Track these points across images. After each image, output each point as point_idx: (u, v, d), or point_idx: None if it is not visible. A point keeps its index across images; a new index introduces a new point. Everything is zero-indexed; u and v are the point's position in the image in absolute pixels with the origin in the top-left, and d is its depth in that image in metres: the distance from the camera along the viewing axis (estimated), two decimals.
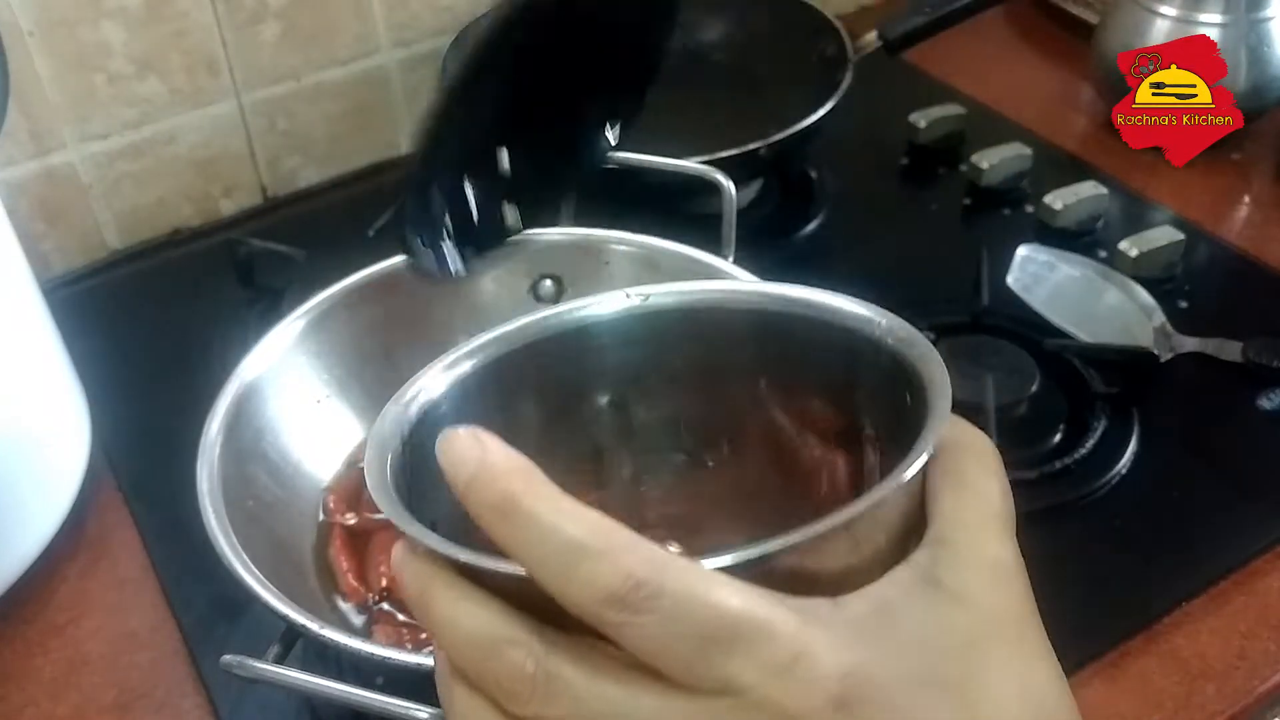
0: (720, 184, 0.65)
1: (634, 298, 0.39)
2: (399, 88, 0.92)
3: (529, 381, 0.39)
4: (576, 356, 0.39)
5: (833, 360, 0.38)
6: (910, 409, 0.33)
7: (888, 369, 0.35)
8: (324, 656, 0.50)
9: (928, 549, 0.30)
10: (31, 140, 0.79)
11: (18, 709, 0.58)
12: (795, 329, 0.38)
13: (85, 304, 0.81)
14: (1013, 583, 0.30)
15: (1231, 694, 0.56)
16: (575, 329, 0.39)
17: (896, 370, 0.35)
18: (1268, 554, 0.62)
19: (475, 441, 0.28)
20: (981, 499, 0.31)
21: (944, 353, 0.76)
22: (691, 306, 0.40)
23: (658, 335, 0.40)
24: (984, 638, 0.29)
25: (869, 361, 0.36)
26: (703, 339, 0.40)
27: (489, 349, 0.38)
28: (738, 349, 0.40)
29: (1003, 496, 0.31)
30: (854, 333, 0.37)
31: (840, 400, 0.39)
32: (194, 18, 0.81)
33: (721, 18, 0.95)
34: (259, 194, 0.90)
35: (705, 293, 0.40)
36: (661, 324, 0.39)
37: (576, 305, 0.39)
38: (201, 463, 0.53)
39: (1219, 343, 0.72)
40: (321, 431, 0.61)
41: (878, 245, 0.85)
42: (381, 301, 0.63)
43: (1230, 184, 0.87)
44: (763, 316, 0.39)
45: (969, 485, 0.31)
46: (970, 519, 0.30)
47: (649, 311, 0.39)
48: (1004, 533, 0.31)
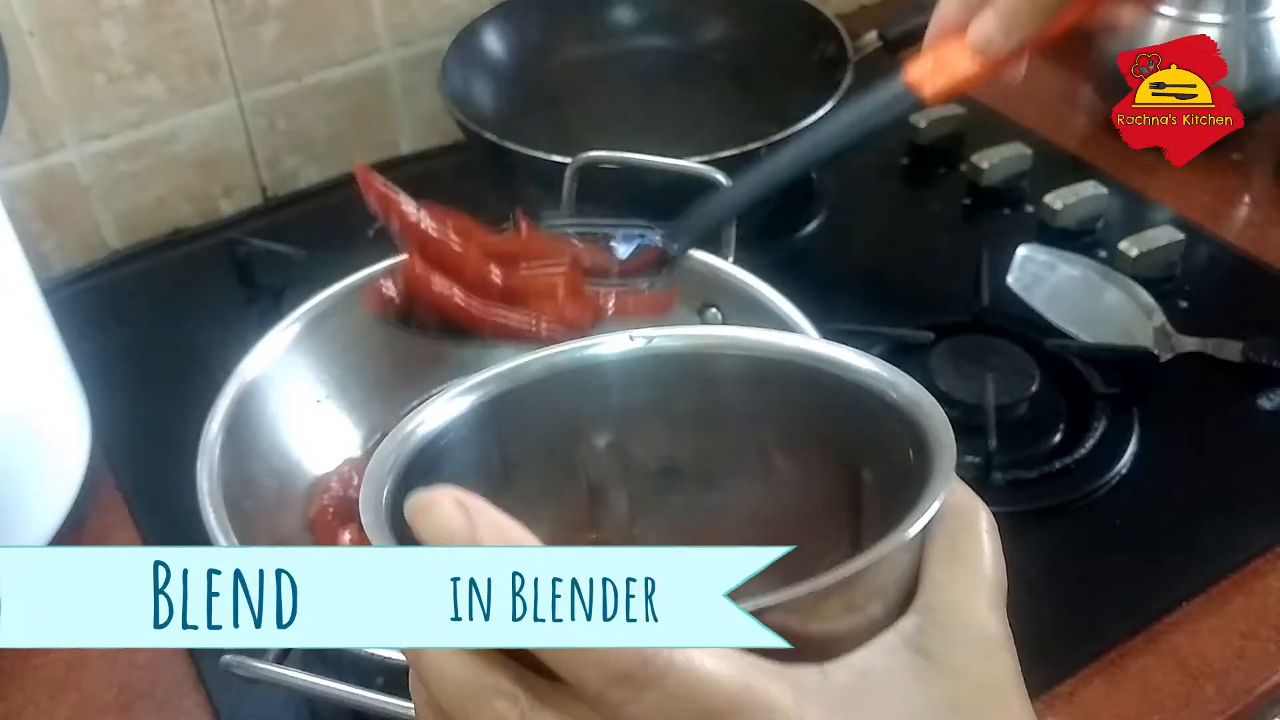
0: (720, 184, 0.65)
1: (638, 340, 0.39)
2: (399, 88, 0.92)
3: (529, 419, 0.39)
4: (578, 396, 0.39)
5: (836, 412, 0.37)
6: (913, 466, 0.33)
7: (892, 425, 0.35)
8: (324, 656, 0.50)
9: (916, 616, 0.29)
10: (31, 140, 0.79)
11: (18, 708, 0.58)
12: (799, 379, 0.38)
13: (85, 304, 0.81)
14: (1000, 655, 0.30)
15: (1231, 694, 0.56)
16: (578, 369, 0.39)
17: (901, 427, 0.34)
18: (1268, 554, 0.62)
19: (460, 511, 0.27)
20: (973, 567, 0.30)
21: (944, 353, 0.77)
22: (695, 351, 0.40)
23: (660, 379, 0.40)
24: (971, 710, 0.28)
25: (873, 416, 0.36)
26: (705, 384, 0.40)
27: (490, 385, 0.38)
28: (740, 395, 0.40)
29: (995, 565, 0.31)
30: (859, 386, 0.36)
31: (842, 453, 0.38)
32: (194, 17, 0.81)
33: (721, 18, 0.95)
34: (259, 194, 0.90)
35: (710, 338, 0.40)
36: (665, 368, 0.39)
37: (580, 345, 0.39)
38: (201, 462, 0.53)
39: (1219, 343, 0.72)
40: (321, 431, 0.61)
41: (878, 245, 0.85)
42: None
43: (1230, 184, 0.87)
44: (766, 365, 0.39)
45: (961, 552, 0.31)
46: (961, 588, 0.30)
47: (652, 354, 0.39)
48: (994, 602, 0.30)
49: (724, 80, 0.93)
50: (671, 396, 0.40)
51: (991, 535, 0.31)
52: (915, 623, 0.29)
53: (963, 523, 0.31)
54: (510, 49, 0.92)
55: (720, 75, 0.94)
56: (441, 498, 0.27)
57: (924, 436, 0.33)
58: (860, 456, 0.38)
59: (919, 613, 0.29)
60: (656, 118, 0.90)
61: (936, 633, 0.29)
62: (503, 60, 0.92)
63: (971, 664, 0.29)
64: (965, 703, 0.28)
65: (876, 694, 0.28)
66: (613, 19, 0.96)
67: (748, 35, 0.94)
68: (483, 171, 0.84)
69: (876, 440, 0.36)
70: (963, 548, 0.31)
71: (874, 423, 0.36)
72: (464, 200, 0.68)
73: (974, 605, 0.30)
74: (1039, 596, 0.60)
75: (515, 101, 0.90)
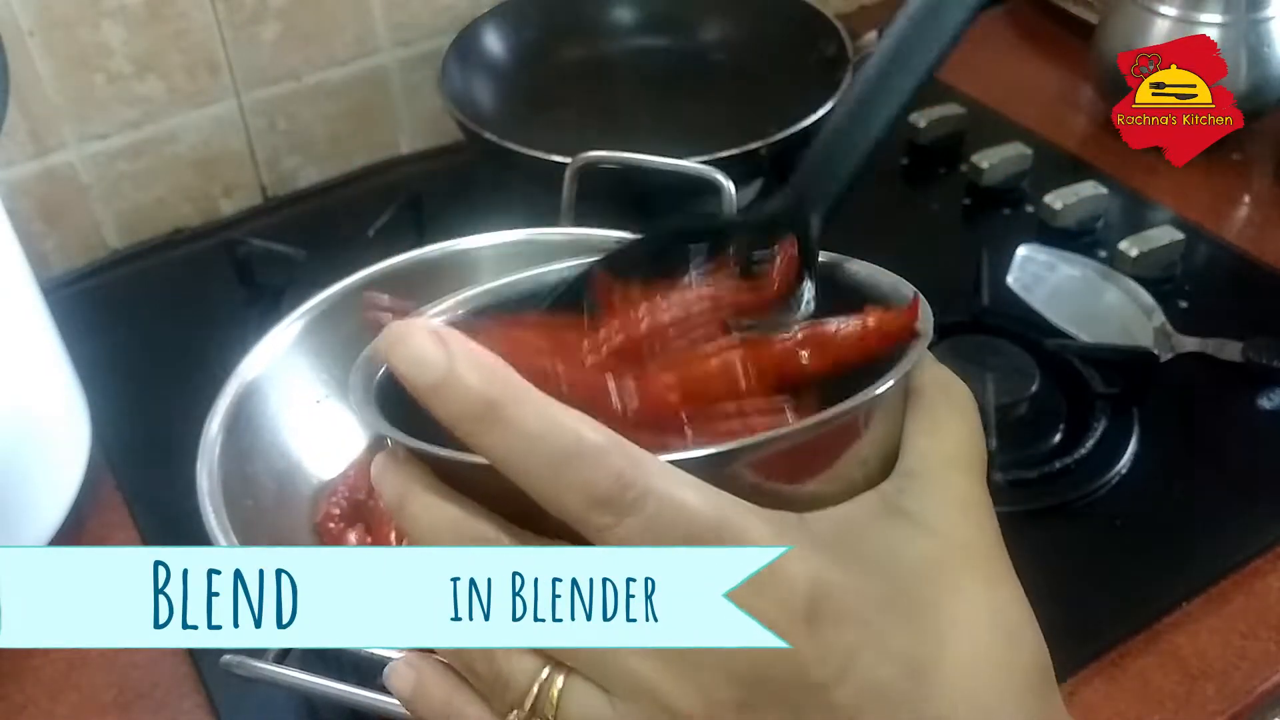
0: (720, 184, 0.65)
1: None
2: (399, 88, 0.92)
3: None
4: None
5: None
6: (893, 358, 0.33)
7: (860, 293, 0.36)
8: (323, 656, 0.50)
9: (896, 479, 0.30)
10: (32, 140, 0.79)
11: (18, 708, 0.58)
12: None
13: (85, 304, 0.81)
14: (980, 515, 0.30)
15: (1231, 694, 0.56)
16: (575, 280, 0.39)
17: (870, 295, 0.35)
18: (1268, 554, 0.62)
19: (437, 341, 0.27)
20: (953, 438, 0.31)
21: (944, 352, 0.77)
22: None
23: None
24: (950, 566, 0.29)
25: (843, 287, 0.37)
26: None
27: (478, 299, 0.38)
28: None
29: (974, 437, 0.32)
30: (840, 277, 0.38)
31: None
32: (194, 17, 0.81)
33: (721, 18, 0.95)
34: (259, 194, 0.90)
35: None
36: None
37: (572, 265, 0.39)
38: (201, 462, 0.53)
39: (1219, 342, 0.72)
40: (321, 431, 0.61)
41: (878, 245, 0.84)
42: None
43: (1230, 184, 0.87)
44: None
45: (941, 424, 0.31)
46: (940, 455, 0.30)
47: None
48: (973, 470, 0.31)
49: (724, 80, 0.93)
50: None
51: (971, 408, 0.32)
52: (895, 485, 0.30)
53: (943, 395, 0.32)
54: (510, 49, 0.92)
55: (720, 75, 0.94)
56: (416, 327, 0.27)
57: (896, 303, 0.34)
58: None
59: (899, 476, 0.30)
60: (656, 118, 0.90)
61: (916, 494, 0.29)
62: (503, 60, 0.92)
63: (950, 523, 0.29)
64: (945, 558, 0.29)
65: (856, 543, 0.28)
66: (612, 19, 0.96)
67: (748, 35, 0.94)
68: (483, 171, 0.84)
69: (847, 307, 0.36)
70: (943, 419, 0.31)
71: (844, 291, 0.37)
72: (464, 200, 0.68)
73: (954, 471, 0.30)
74: (1038, 596, 0.60)
75: (515, 101, 0.90)
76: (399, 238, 0.74)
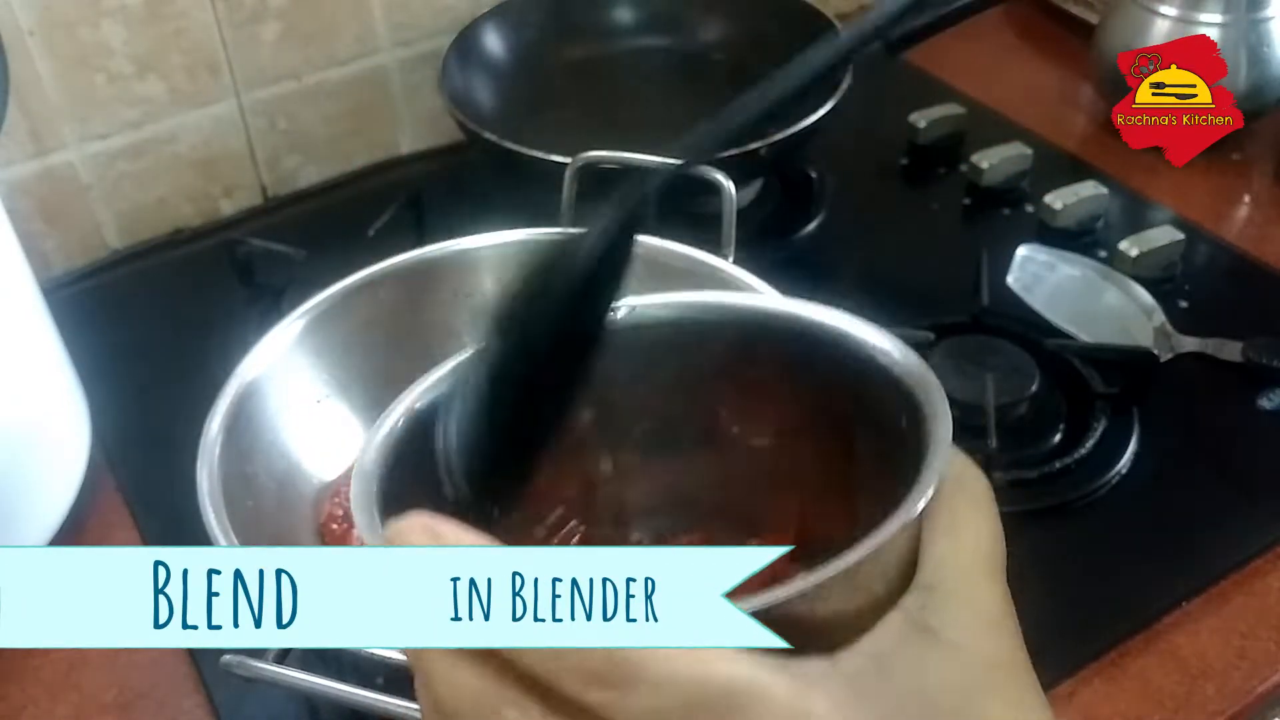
0: (720, 184, 0.65)
1: (619, 310, 0.38)
2: (399, 88, 0.92)
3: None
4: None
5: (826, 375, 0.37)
6: (906, 432, 0.33)
7: (883, 389, 0.34)
8: (324, 656, 0.50)
9: (919, 594, 0.29)
10: (32, 140, 0.79)
11: (18, 708, 0.58)
12: (788, 342, 0.37)
13: (85, 304, 0.81)
14: (1004, 628, 0.30)
15: (1231, 693, 0.56)
16: None
17: (893, 391, 0.34)
18: (1268, 554, 0.62)
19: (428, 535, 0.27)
20: (973, 541, 0.31)
21: (944, 353, 0.77)
22: (678, 318, 0.39)
23: (644, 347, 0.39)
24: (979, 688, 0.29)
25: (863, 379, 0.35)
26: (690, 350, 0.39)
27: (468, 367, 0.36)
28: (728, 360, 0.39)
29: (994, 538, 0.31)
30: (849, 350, 0.36)
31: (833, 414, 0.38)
32: (194, 17, 0.81)
33: (721, 18, 0.95)
34: (259, 194, 0.91)
35: (691, 304, 0.39)
36: (648, 335, 0.38)
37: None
38: (201, 463, 0.53)
39: (1219, 342, 0.72)
40: (321, 431, 0.61)
41: (878, 245, 0.85)
42: (381, 301, 0.63)
43: (1230, 184, 0.87)
44: (753, 329, 0.38)
45: (961, 526, 0.31)
46: (962, 563, 0.30)
47: (634, 324, 0.38)
48: (995, 576, 0.30)
49: (724, 80, 0.93)
50: (656, 364, 0.39)
51: (989, 503, 0.32)
52: (918, 600, 0.29)
53: (962, 494, 0.31)
54: (510, 49, 0.92)
55: (720, 75, 0.94)
56: (411, 528, 0.28)
57: (916, 402, 0.33)
58: (852, 419, 0.37)
59: (922, 589, 0.30)
60: (656, 118, 0.90)
61: (940, 609, 0.29)
62: (503, 60, 0.92)
63: (976, 639, 0.29)
64: (974, 680, 0.29)
65: (887, 677, 0.28)
66: (612, 19, 0.96)
67: (748, 35, 0.94)
68: (483, 172, 0.84)
69: (868, 403, 0.35)
70: (961, 519, 0.31)
71: (864, 385, 0.35)
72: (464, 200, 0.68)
73: (976, 580, 0.30)
74: (1039, 596, 0.60)
75: (515, 101, 0.90)
76: (399, 238, 0.74)
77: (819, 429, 0.39)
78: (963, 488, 0.31)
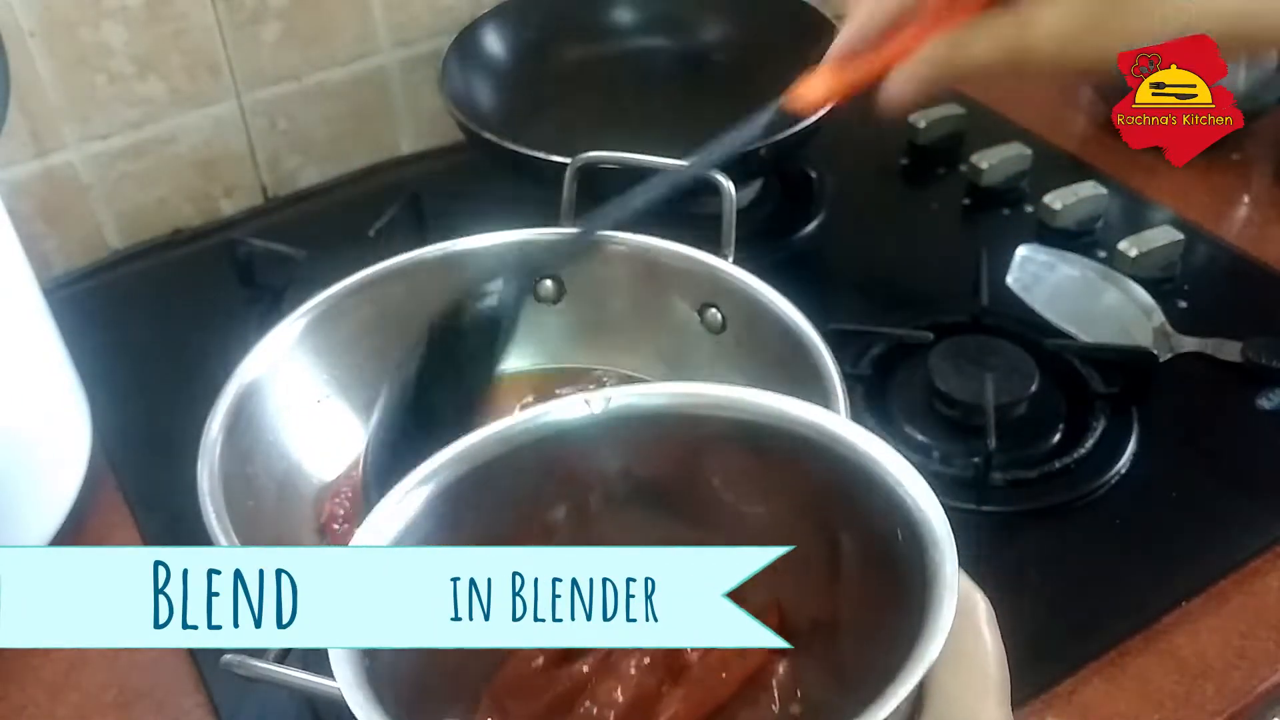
0: (720, 184, 0.65)
1: (595, 403, 0.37)
2: (399, 88, 0.92)
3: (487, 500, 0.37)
4: (537, 469, 0.38)
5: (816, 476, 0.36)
6: (900, 544, 0.32)
7: (877, 499, 0.34)
8: (325, 656, 0.50)
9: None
10: (32, 140, 0.80)
11: (18, 708, 0.58)
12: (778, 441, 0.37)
13: (86, 304, 0.81)
14: None
15: (1231, 693, 0.56)
16: (536, 440, 0.37)
17: (886, 503, 0.33)
18: (1267, 553, 0.62)
19: None
20: (978, 669, 0.31)
21: (943, 353, 0.77)
22: (656, 411, 0.38)
23: (621, 440, 0.38)
24: None
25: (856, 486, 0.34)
26: (670, 443, 0.38)
27: (447, 470, 0.36)
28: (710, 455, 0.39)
29: (998, 664, 0.31)
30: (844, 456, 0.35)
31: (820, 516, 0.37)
32: (194, 18, 0.81)
33: (721, 18, 0.95)
34: (259, 194, 0.91)
35: (671, 396, 0.38)
36: (626, 430, 0.38)
37: (536, 414, 0.37)
38: (202, 463, 0.53)
39: (1218, 342, 0.72)
40: (322, 431, 0.61)
41: (878, 245, 0.85)
42: (381, 301, 0.63)
43: (1230, 184, 0.87)
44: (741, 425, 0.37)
45: (965, 653, 0.31)
46: (969, 695, 0.30)
47: (612, 418, 0.37)
48: (1001, 703, 0.31)
49: (724, 80, 0.93)
50: (633, 458, 0.39)
51: (991, 629, 0.32)
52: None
53: (963, 619, 0.31)
54: (510, 49, 0.92)
55: (720, 75, 0.94)
56: None
57: (912, 518, 0.32)
58: (838, 520, 0.37)
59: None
60: (656, 118, 0.90)
61: None
62: (503, 61, 0.92)
63: None
64: None
65: None
66: (612, 19, 0.96)
67: (747, 36, 0.94)
68: (483, 172, 0.84)
69: (859, 510, 0.35)
70: (966, 648, 0.31)
71: (857, 492, 0.35)
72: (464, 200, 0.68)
73: (981, 711, 0.30)
74: (1038, 596, 0.60)
75: (515, 102, 0.90)
76: (399, 238, 0.74)
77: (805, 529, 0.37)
78: (965, 612, 0.32)
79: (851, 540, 0.37)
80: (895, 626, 0.30)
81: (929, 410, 0.69)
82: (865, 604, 0.36)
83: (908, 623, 0.30)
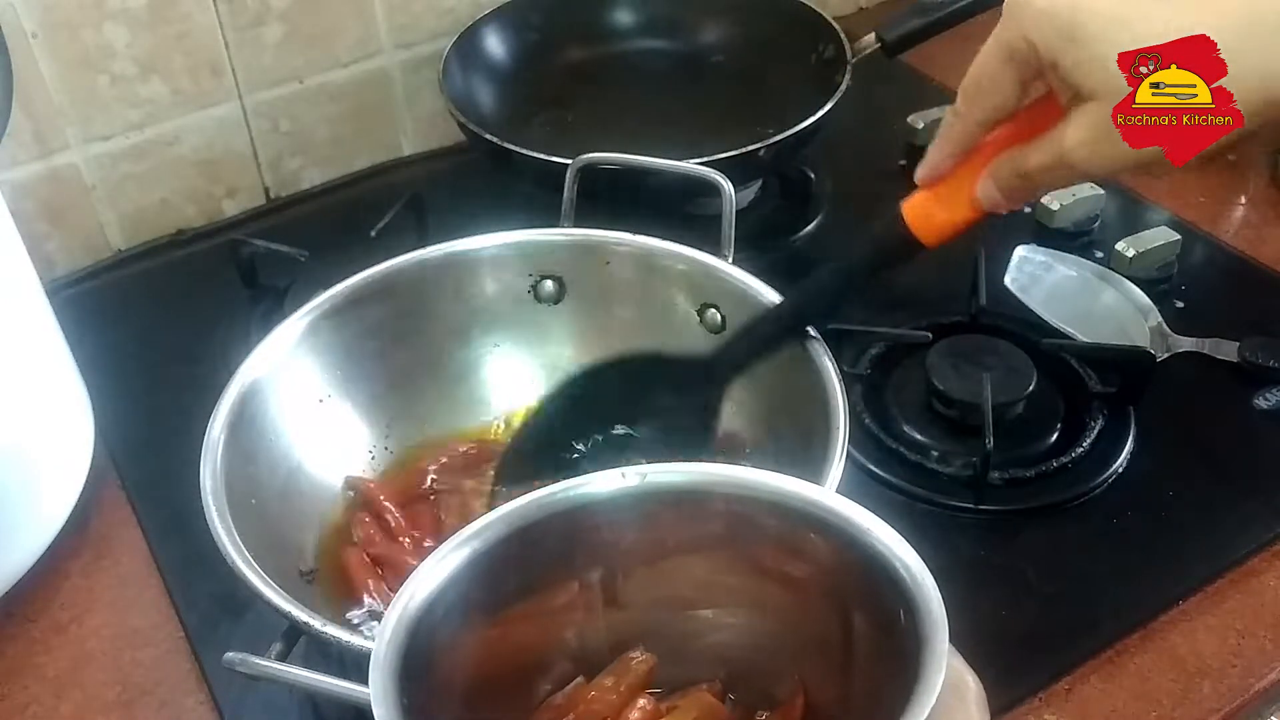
0: (720, 185, 0.65)
1: (631, 477, 0.39)
2: (401, 89, 0.92)
3: (524, 561, 0.39)
4: (571, 536, 0.40)
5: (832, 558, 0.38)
6: (905, 625, 0.34)
7: (883, 582, 0.36)
8: (326, 654, 0.50)
9: None
10: (35, 141, 0.80)
11: (21, 706, 0.59)
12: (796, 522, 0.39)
13: (89, 304, 0.81)
14: None
15: (1228, 692, 0.56)
16: (572, 509, 0.39)
17: (892, 587, 0.35)
18: (1264, 552, 0.62)
19: None
20: None
21: (942, 352, 0.77)
22: (689, 488, 0.40)
23: (653, 514, 0.40)
24: None
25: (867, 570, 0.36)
26: (696, 520, 0.41)
27: (488, 533, 0.38)
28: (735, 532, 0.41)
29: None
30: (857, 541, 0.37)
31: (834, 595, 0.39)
32: (197, 19, 0.81)
33: (721, 19, 0.96)
34: (262, 195, 0.91)
35: (702, 475, 0.41)
36: (657, 504, 0.40)
37: (574, 484, 0.40)
38: (205, 462, 0.53)
39: (1215, 342, 0.73)
40: (324, 430, 0.61)
41: None
42: (383, 301, 0.64)
43: (1226, 185, 0.88)
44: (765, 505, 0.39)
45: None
46: None
47: (645, 491, 0.40)
48: None
49: (724, 82, 0.94)
50: (664, 531, 0.41)
51: (981, 709, 0.33)
52: None
53: (955, 698, 0.32)
54: (511, 51, 0.93)
55: (720, 77, 0.94)
56: None
57: (914, 603, 0.34)
58: (852, 601, 0.39)
59: None
60: (656, 119, 0.90)
61: None
62: (504, 62, 0.92)
63: None
64: None
65: None
66: (613, 21, 0.96)
67: (747, 37, 0.94)
68: (484, 173, 0.84)
69: (868, 591, 0.37)
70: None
71: (866, 575, 0.36)
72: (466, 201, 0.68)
73: None
74: (1036, 595, 0.60)
75: (516, 103, 0.91)
76: (401, 238, 0.74)
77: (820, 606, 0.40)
78: (957, 693, 0.33)
79: (863, 621, 0.39)
80: (892, 702, 0.31)
81: (927, 409, 0.69)
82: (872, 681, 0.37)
83: (903, 696, 0.31)
